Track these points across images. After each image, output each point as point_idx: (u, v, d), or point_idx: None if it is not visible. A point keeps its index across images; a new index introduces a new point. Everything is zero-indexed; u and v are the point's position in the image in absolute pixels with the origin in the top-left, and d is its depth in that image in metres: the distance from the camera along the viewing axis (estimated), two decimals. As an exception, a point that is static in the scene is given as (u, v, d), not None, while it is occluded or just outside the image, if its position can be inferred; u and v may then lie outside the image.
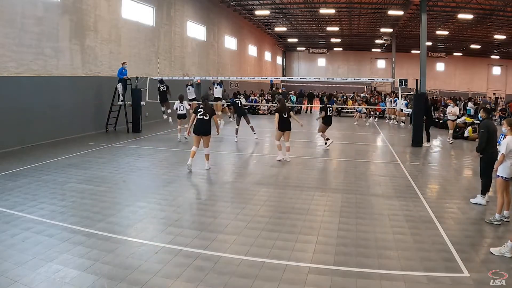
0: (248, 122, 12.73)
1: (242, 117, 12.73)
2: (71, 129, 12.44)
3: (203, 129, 8.05)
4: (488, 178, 6.14)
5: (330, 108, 11.82)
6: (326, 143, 11.41)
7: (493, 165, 5.58)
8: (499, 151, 5.38)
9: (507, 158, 5.22)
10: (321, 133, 11.56)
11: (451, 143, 12.81)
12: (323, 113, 11.40)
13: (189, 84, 15.93)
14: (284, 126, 9.38)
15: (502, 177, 5.30)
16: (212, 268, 3.91)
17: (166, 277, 3.71)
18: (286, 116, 9.35)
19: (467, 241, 4.74)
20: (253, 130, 12.70)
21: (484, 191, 6.20)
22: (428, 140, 12.41)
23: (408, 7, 23.17)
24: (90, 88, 13.39)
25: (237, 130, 12.59)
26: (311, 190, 6.88)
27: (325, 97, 14.80)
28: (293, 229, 4.98)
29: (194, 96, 15.75)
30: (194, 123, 8.11)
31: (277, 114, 9.34)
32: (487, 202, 6.14)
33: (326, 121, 11.40)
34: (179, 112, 11.80)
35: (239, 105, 12.99)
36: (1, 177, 7.29)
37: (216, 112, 9.02)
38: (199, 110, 8.08)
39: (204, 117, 8.03)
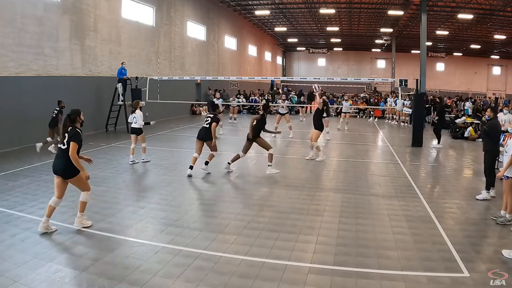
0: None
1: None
2: (71, 129, 12.41)
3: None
4: (492, 175, 6.27)
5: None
6: None
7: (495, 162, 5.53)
8: (506, 152, 5.24)
9: None
10: None
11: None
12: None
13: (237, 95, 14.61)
14: None
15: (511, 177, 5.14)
16: (212, 268, 3.90)
17: (166, 277, 3.71)
18: None
19: (467, 241, 4.73)
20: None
21: (489, 187, 6.35)
22: (438, 142, 11.75)
23: (408, 7, 23.15)
24: (90, 88, 13.39)
25: None
26: (311, 190, 6.87)
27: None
28: (293, 229, 4.98)
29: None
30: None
31: None
32: (492, 197, 6.26)
33: None
34: (133, 125, 8.98)
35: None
36: (1, 177, 7.28)
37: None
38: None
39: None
